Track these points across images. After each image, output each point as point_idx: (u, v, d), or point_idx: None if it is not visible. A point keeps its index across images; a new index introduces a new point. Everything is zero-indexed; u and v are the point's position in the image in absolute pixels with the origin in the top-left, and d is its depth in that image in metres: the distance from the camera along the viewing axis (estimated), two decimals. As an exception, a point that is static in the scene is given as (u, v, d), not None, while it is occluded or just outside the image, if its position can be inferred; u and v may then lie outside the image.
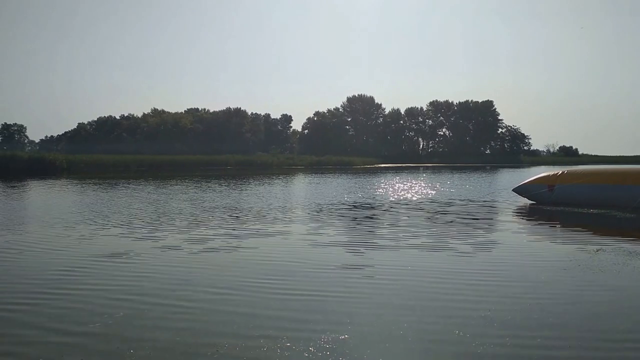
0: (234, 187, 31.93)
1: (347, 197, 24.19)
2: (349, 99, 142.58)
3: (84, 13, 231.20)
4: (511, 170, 68.49)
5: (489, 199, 23.91)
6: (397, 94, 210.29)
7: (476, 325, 5.81)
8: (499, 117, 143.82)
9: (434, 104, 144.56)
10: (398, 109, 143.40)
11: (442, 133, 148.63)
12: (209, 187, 31.76)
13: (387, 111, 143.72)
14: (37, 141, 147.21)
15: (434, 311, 6.40)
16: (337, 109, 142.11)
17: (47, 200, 22.63)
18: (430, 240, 11.84)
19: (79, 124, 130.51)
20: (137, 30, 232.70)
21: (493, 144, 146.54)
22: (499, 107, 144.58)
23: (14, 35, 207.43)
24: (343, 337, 5.40)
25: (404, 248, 10.84)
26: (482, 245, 11.40)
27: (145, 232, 13.30)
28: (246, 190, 29.27)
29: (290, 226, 14.51)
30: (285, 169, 72.35)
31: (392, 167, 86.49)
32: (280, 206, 19.87)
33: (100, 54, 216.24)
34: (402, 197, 24.60)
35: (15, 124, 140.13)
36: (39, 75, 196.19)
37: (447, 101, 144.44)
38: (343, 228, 14.40)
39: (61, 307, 6.72)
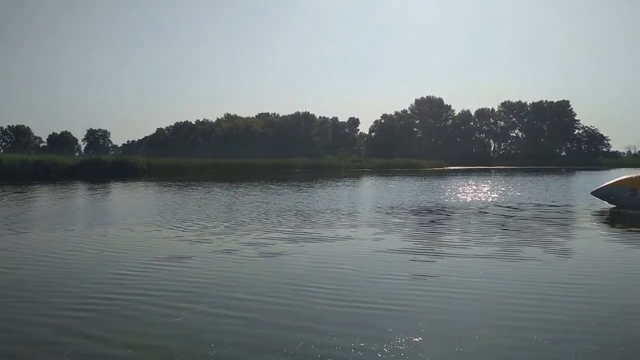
0: (302, 190, 32.28)
1: (414, 201, 23.80)
2: (417, 101, 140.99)
3: (159, 21, 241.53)
4: (589, 172, 65.07)
5: (565, 202, 22.83)
6: (467, 95, 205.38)
7: (562, 350, 5.11)
8: (576, 118, 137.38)
9: (505, 105, 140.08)
10: (468, 110, 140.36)
11: (514, 134, 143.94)
12: (278, 190, 32.23)
13: (456, 112, 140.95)
14: (119, 145, 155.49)
15: (510, 331, 5.78)
16: (404, 111, 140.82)
17: (129, 201, 23.90)
18: (503, 248, 11.31)
19: (157, 129, 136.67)
20: (210, 38, 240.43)
21: (569, 146, 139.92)
22: (575, 107, 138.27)
23: (97, 44, 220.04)
24: (409, 354, 5.20)
25: (474, 255, 10.37)
26: (563, 254, 10.73)
27: (214, 234, 13.65)
28: (314, 193, 29.51)
29: (356, 230, 14.38)
30: (352, 172, 72.51)
31: (462, 169, 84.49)
32: (346, 210, 19.83)
33: (177, 62, 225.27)
34: (471, 201, 23.99)
35: (100, 129, 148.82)
36: (121, 82, 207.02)
37: (519, 102, 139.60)
38: (409, 233, 14.08)
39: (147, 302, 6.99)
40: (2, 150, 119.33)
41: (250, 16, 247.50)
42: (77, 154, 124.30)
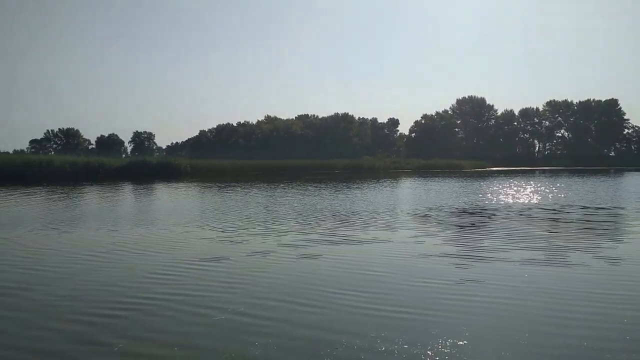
0: (340, 191, 32.25)
1: (455, 202, 23.40)
2: (458, 101, 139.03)
3: (204, 27, 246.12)
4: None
5: (614, 205, 22.02)
6: (511, 94, 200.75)
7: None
8: (625, 117, 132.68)
9: (551, 104, 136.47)
10: (511, 110, 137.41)
11: (559, 134, 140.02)
12: (316, 191, 32.31)
13: (499, 112, 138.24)
14: (163, 147, 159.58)
15: (557, 339, 5.62)
16: (445, 111, 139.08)
17: (171, 202, 24.34)
18: (548, 252, 10.99)
19: (200, 131, 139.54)
20: (251, 42, 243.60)
21: (618, 146, 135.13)
22: (624, 105, 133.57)
23: (144, 51, 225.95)
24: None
25: (518, 260, 10.08)
26: (613, 260, 10.21)
27: (252, 234, 13.81)
28: (352, 194, 29.40)
29: (395, 233, 14.23)
30: (391, 173, 72.11)
31: (505, 170, 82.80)
32: (385, 211, 19.65)
33: (219, 66, 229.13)
34: (514, 203, 23.42)
35: (145, 131, 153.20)
36: (166, 86, 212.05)
37: (565, 100, 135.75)
38: (450, 236, 13.79)
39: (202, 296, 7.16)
40: (53, 152, 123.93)
41: (293, 19, 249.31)
42: (124, 155, 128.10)
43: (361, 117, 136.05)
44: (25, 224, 16.13)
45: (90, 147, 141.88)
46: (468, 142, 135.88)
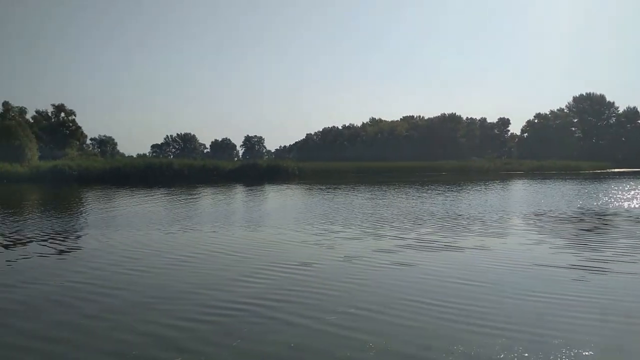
0: (445, 193, 31.41)
1: (570, 207, 21.80)
2: (575, 99, 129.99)
3: (309, 32, 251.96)
4: None
5: None
6: (632, 92, 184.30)
7: None
8: None
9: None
10: (634, 107, 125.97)
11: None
12: (420, 193, 31.66)
13: (620, 110, 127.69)
14: (272, 150, 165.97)
15: None
16: (561, 110, 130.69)
17: (275, 203, 25.24)
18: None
19: (307, 134, 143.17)
20: (353, 43, 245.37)
21: None
22: None
23: (250, 59, 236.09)
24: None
25: None
26: None
27: (345, 238, 13.73)
28: (459, 197, 28.56)
29: (500, 239, 13.57)
30: (502, 175, 68.85)
31: (629, 172, 76.07)
32: (493, 216, 18.79)
33: (325, 69, 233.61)
34: (639, 208, 21.44)
35: (255, 135, 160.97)
36: (274, 92, 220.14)
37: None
38: (566, 244, 12.72)
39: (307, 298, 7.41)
40: (172, 156, 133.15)
41: (394, 19, 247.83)
42: (236, 158, 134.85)
43: (469, 117, 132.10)
44: (137, 224, 17.38)
45: (205, 150, 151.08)
46: (586, 142, 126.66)
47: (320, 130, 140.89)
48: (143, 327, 6.54)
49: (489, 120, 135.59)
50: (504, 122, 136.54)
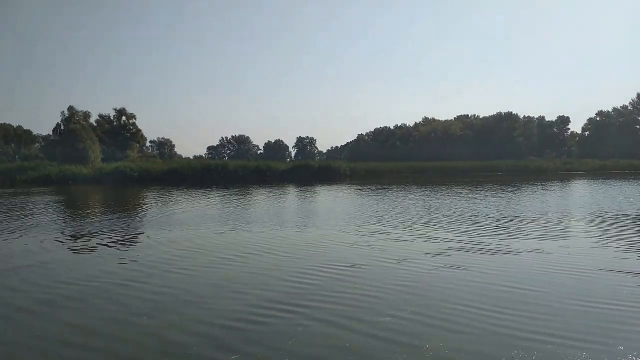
0: (503, 194, 30.47)
1: (636, 209, 20.61)
2: (639, 95, 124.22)
3: (358, 40, 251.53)
4: None
5: None
6: None
7: None
8: None
9: None
10: None
11: None
12: (475, 194, 30.86)
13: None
14: (324, 151, 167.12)
15: None
16: (624, 107, 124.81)
17: (330, 203, 25.12)
18: None
19: (358, 135, 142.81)
20: (403, 40, 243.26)
21: None
22: None
23: (300, 63, 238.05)
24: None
25: None
26: None
27: (394, 240, 13.58)
28: (516, 197, 27.59)
29: (563, 243, 12.98)
30: (561, 175, 66.23)
31: None
32: (552, 218, 18.07)
33: (375, 69, 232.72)
34: None
35: (307, 137, 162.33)
36: (326, 93, 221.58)
37: None
38: (632, 248, 12.09)
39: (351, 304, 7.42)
40: (227, 157, 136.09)
41: (450, 19, 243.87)
42: (288, 159, 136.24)
43: (527, 115, 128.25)
44: (191, 224, 17.84)
45: (259, 152, 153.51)
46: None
47: (372, 130, 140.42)
48: (195, 327, 6.68)
49: (547, 119, 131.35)
50: (564, 121, 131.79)
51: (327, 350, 5.77)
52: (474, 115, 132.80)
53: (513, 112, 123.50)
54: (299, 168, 65.81)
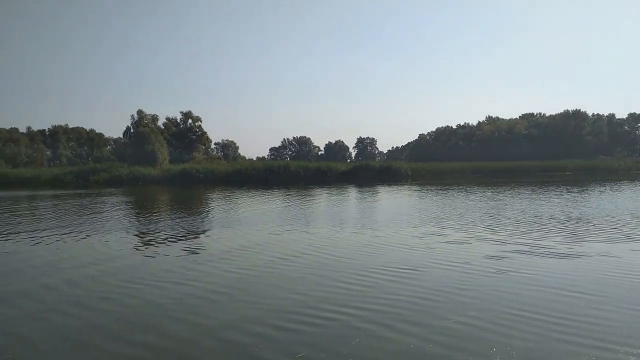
0: (569, 194, 29.10)
1: None
2: None
3: (416, 37, 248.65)
4: None
5: None
6: None
7: None
8: None
9: None
10: None
11: None
12: (542, 194, 29.53)
13: None
14: (384, 152, 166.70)
15: None
16: None
17: (388, 204, 25.12)
18: None
19: (419, 134, 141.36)
20: (466, 39, 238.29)
21: None
22: None
23: (369, 62, 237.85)
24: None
25: None
26: None
27: (452, 242, 13.27)
28: (584, 198, 26.27)
29: (638, 244, 12.32)
30: (633, 174, 62.45)
31: None
32: (623, 219, 17.10)
33: (439, 69, 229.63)
34: None
35: (368, 137, 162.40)
36: (385, 92, 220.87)
37: None
38: None
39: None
40: (288, 158, 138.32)
41: (513, 16, 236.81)
42: (349, 160, 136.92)
43: (595, 113, 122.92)
44: (252, 224, 18.22)
45: (319, 153, 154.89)
46: None
47: (434, 130, 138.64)
48: (253, 327, 6.77)
49: (617, 116, 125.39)
50: (635, 118, 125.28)
51: (389, 355, 5.70)
52: (540, 113, 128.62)
53: (581, 110, 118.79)
54: (360, 168, 66.19)
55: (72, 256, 12.67)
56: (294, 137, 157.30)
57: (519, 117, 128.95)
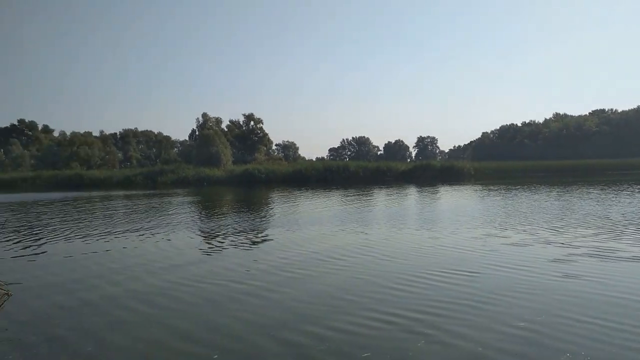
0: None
1: None
2: None
3: (478, 33, 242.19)
4: None
5: None
6: None
7: None
8: None
9: None
10: None
11: None
12: (612, 194, 27.69)
13: None
14: (446, 151, 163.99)
15: None
16: None
17: (453, 204, 24.24)
18: None
19: (483, 133, 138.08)
20: (527, 44, 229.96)
21: None
22: None
23: (428, 61, 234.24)
24: None
25: None
26: None
27: (512, 244, 12.80)
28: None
29: None
30: None
31: None
32: None
33: (501, 66, 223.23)
34: None
35: (428, 136, 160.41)
36: (445, 90, 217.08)
37: None
38: None
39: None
40: (348, 159, 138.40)
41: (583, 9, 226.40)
42: (409, 160, 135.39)
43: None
44: (309, 224, 18.35)
45: (378, 152, 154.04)
46: None
47: (498, 128, 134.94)
48: (308, 329, 6.74)
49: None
50: None
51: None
52: (611, 109, 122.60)
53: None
54: (420, 168, 65.36)
55: (136, 254, 13.16)
56: (353, 137, 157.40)
57: (589, 113, 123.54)
